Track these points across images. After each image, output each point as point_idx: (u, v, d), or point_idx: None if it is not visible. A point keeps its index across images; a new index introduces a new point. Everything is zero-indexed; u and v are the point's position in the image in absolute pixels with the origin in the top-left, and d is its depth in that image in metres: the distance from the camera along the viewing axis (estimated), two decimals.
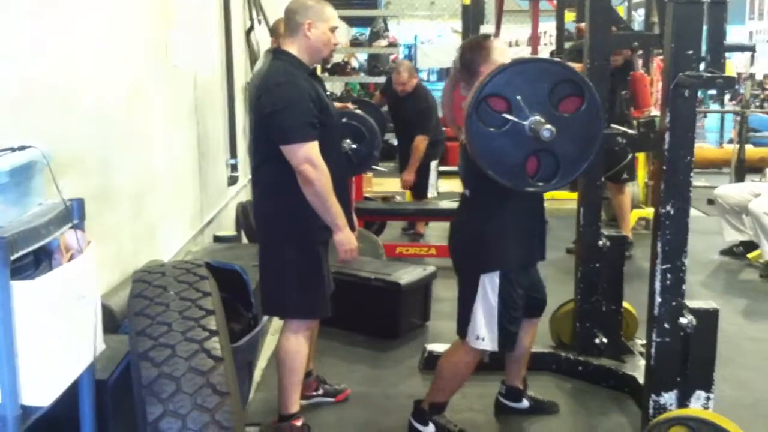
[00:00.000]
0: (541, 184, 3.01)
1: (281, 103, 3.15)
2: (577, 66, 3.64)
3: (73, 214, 2.06)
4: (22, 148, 1.94)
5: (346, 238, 3.31)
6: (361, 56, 12.75)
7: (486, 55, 3.25)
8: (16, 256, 1.76)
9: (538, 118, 2.89)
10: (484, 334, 3.30)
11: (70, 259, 2.01)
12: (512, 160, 2.96)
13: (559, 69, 3.01)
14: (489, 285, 3.26)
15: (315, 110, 3.18)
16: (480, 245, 3.31)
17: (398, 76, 6.85)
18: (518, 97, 2.88)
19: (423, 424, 3.56)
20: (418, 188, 7.23)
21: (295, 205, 3.21)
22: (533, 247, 3.39)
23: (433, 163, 7.88)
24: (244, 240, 5.58)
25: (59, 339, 1.90)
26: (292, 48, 3.30)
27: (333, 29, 3.34)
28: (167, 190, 4.16)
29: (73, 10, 2.96)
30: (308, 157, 3.12)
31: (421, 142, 6.77)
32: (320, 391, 3.88)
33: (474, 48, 3.34)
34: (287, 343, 3.42)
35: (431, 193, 8.32)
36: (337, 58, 10.17)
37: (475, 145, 2.96)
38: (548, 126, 2.85)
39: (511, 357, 3.69)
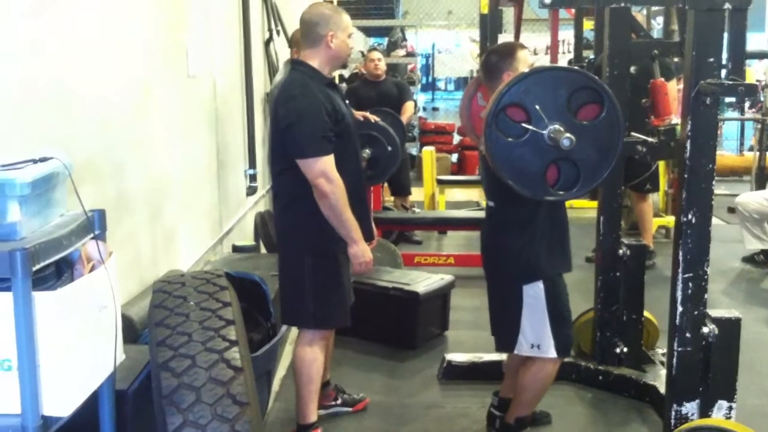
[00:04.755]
0: (561, 192, 3.00)
1: (296, 117, 3.15)
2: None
3: (95, 224, 2.07)
4: (44, 159, 1.95)
5: (360, 251, 3.30)
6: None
7: (511, 62, 3.24)
8: (38, 267, 1.77)
9: (557, 126, 2.87)
10: (539, 342, 3.27)
11: (92, 269, 2.01)
12: (532, 170, 2.94)
13: (577, 76, 3.00)
14: (533, 294, 3.25)
15: (330, 123, 3.18)
16: (517, 256, 3.28)
17: (378, 63, 7.37)
18: (537, 107, 2.88)
19: None
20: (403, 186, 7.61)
21: (315, 215, 3.20)
22: (566, 252, 3.37)
23: None
24: (263, 250, 5.59)
25: (80, 349, 1.90)
26: (313, 59, 3.30)
27: (350, 35, 3.37)
28: (186, 200, 4.17)
29: (85, 16, 2.98)
30: (323, 170, 3.13)
31: (411, 107, 7.38)
32: (339, 401, 3.87)
33: (501, 53, 3.34)
34: (302, 352, 3.42)
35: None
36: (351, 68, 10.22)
37: (494, 156, 2.95)
38: (568, 135, 2.84)
39: (510, 368, 3.64)
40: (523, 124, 2.90)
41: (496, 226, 3.38)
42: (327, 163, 3.14)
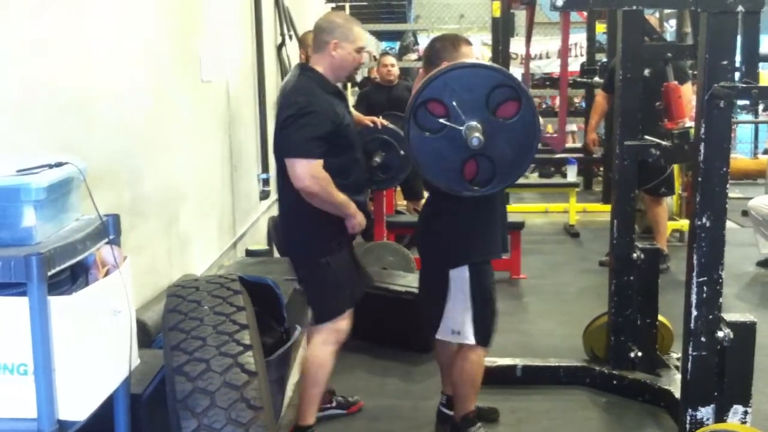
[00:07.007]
0: (476, 188, 3.03)
1: (292, 120, 3.19)
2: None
3: (109, 229, 2.08)
4: (59, 164, 1.96)
5: (357, 222, 3.36)
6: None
7: (453, 54, 3.25)
8: (53, 271, 1.78)
9: (474, 124, 2.90)
10: (459, 329, 3.30)
11: (106, 274, 2.02)
12: (449, 165, 2.99)
13: (496, 74, 3.02)
14: (458, 280, 3.27)
15: (329, 129, 3.20)
16: (445, 241, 3.32)
17: (391, 68, 7.30)
18: (454, 103, 2.91)
19: None
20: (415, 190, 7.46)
21: (311, 218, 3.27)
22: (496, 239, 3.38)
23: None
24: (276, 254, 5.59)
25: (95, 354, 1.91)
26: (319, 65, 3.33)
27: (359, 50, 3.37)
28: (200, 205, 4.18)
29: (101, 22, 3.00)
30: (311, 174, 3.16)
31: None
32: (333, 403, 3.88)
33: (446, 42, 3.36)
34: (314, 354, 3.45)
35: None
36: (363, 72, 10.25)
37: (412, 149, 3.01)
38: (477, 134, 2.87)
39: (443, 366, 3.66)
40: (441, 120, 2.93)
41: (429, 213, 3.45)
42: (314, 167, 3.17)
